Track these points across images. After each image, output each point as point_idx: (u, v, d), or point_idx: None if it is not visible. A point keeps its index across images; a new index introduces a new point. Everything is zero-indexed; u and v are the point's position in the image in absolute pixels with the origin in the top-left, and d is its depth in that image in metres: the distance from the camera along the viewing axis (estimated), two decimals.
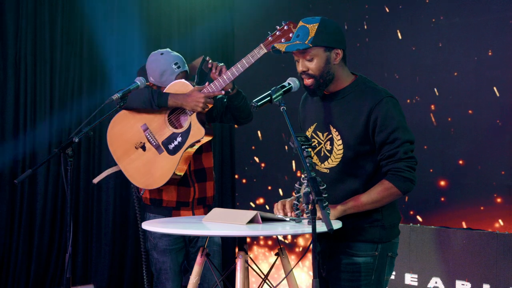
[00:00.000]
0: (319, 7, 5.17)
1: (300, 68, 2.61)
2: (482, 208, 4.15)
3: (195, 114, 3.29)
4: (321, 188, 2.21)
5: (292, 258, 5.05)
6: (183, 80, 3.36)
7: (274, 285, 2.55)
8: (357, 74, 2.69)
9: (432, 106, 4.41)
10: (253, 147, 5.59)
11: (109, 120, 5.30)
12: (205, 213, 3.46)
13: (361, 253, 2.60)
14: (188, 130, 3.31)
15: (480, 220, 4.13)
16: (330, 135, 2.63)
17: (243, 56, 3.26)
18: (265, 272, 2.73)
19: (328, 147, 2.63)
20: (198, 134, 3.29)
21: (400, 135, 2.52)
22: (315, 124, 2.70)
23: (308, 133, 2.72)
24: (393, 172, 2.52)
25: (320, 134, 2.67)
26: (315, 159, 2.68)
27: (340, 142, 2.59)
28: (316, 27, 2.55)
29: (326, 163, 2.64)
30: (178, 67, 3.40)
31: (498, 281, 3.61)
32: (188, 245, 3.54)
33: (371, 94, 2.58)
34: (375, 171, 2.60)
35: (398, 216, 2.72)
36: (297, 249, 5.19)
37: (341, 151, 2.59)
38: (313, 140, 2.68)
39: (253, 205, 5.57)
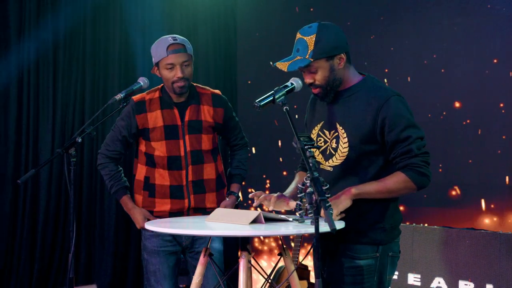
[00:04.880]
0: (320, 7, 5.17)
1: (306, 80, 2.61)
2: (485, 208, 4.15)
3: None
4: (324, 188, 2.21)
5: None
6: None
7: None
8: (365, 74, 2.69)
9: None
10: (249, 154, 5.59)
11: (111, 120, 5.34)
12: None
13: (362, 255, 2.59)
14: None
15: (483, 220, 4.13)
16: (336, 133, 2.62)
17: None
18: (268, 273, 2.73)
19: (334, 145, 2.62)
20: None
21: (411, 133, 2.51)
22: (322, 123, 2.70)
23: (315, 131, 2.71)
24: (410, 167, 2.51)
25: (326, 132, 2.67)
26: (320, 157, 2.67)
27: (346, 140, 2.58)
28: (314, 38, 2.53)
29: (330, 161, 2.64)
30: (175, 39, 3.31)
31: (501, 281, 3.61)
32: (185, 251, 3.40)
33: (379, 93, 2.57)
34: (378, 173, 2.59)
35: (399, 217, 2.71)
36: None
37: (346, 149, 2.58)
38: (319, 138, 2.68)
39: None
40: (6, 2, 4.96)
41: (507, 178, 4.07)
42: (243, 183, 3.64)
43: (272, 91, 2.49)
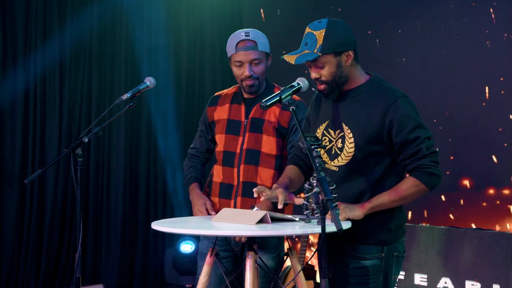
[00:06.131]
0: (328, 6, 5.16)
1: (312, 75, 2.60)
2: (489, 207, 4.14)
3: None
4: (330, 188, 2.21)
5: None
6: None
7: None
8: (372, 74, 2.68)
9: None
10: None
11: (118, 120, 5.36)
12: None
13: (367, 255, 2.59)
14: None
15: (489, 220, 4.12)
16: (342, 133, 2.62)
17: None
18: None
19: (339, 145, 2.62)
20: None
21: (419, 133, 2.51)
22: (327, 122, 2.69)
23: (320, 130, 2.70)
24: (419, 169, 2.51)
25: (332, 132, 2.66)
26: (325, 157, 2.67)
27: (352, 140, 2.58)
28: (323, 33, 2.53)
29: (335, 161, 2.64)
30: (247, 35, 3.10)
31: (508, 281, 3.59)
32: (239, 257, 3.12)
33: (386, 94, 2.57)
34: (384, 173, 2.58)
35: (404, 217, 2.71)
36: None
37: (352, 149, 2.58)
38: (324, 138, 2.67)
39: None
40: (13, 2, 4.97)
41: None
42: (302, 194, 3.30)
43: (279, 91, 2.49)
